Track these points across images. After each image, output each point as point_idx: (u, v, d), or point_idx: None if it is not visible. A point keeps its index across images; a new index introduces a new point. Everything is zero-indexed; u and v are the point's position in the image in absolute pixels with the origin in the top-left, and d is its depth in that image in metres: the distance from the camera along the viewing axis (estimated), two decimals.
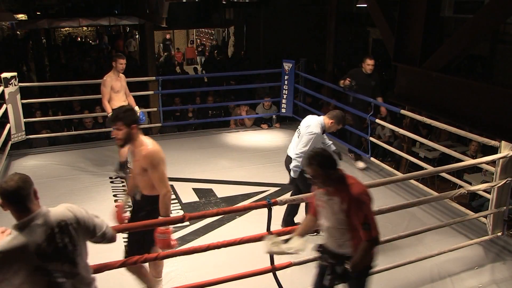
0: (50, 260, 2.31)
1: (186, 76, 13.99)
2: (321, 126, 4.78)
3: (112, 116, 3.38)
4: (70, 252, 2.38)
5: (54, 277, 2.32)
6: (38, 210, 2.34)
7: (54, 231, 2.33)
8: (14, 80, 6.71)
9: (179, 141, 7.80)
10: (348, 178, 2.93)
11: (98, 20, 13.21)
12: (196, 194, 5.83)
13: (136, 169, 3.45)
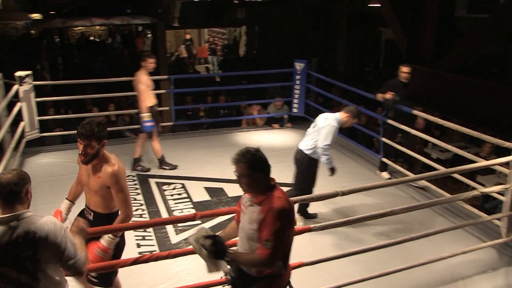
0: (5, 265, 2.26)
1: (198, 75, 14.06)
2: (338, 121, 4.96)
3: (86, 133, 3.05)
4: (30, 265, 2.28)
5: (5, 281, 2.27)
6: (20, 212, 2.29)
7: (20, 239, 2.25)
8: (29, 78, 6.78)
9: (191, 140, 7.83)
10: (277, 191, 2.64)
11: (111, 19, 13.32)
12: (208, 193, 5.85)
13: (95, 186, 3.20)
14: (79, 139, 3.09)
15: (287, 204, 2.59)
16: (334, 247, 4.66)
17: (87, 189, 3.30)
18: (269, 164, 2.71)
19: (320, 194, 3.86)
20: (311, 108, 8.53)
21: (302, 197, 3.79)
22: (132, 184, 6.11)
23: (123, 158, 6.83)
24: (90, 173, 3.22)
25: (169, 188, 5.99)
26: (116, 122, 9.01)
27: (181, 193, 5.85)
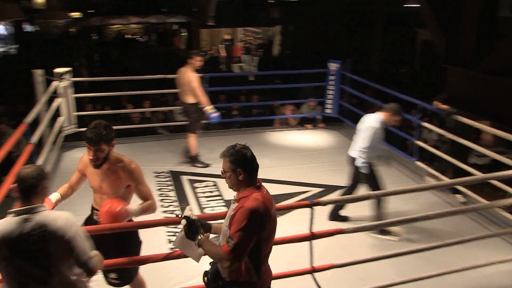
0: (19, 257, 2.31)
1: (232, 74, 14.11)
2: (379, 121, 4.83)
3: (95, 137, 2.98)
4: (43, 259, 2.33)
5: (20, 275, 2.32)
6: (35, 205, 2.35)
7: (31, 232, 2.30)
8: (67, 75, 6.95)
9: (223, 138, 7.87)
10: (258, 192, 2.55)
11: (147, 17, 13.53)
12: None
13: (113, 188, 3.16)
14: (88, 145, 3.02)
15: (261, 207, 2.48)
16: (365, 250, 4.60)
17: (99, 193, 3.22)
18: (254, 163, 2.63)
19: (352, 196, 3.82)
20: (344, 109, 8.45)
21: (335, 198, 3.75)
22: (164, 180, 6.18)
23: (155, 154, 6.97)
24: (103, 177, 3.16)
25: (201, 186, 6.03)
26: (150, 119, 9.13)
27: (212, 191, 5.89)
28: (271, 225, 2.59)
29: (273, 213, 2.61)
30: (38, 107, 6.09)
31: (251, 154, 2.63)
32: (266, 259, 2.69)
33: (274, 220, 2.63)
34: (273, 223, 2.62)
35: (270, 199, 2.61)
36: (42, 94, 6.64)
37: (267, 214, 2.52)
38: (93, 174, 3.19)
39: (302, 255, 3.61)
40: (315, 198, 5.46)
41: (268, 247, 2.65)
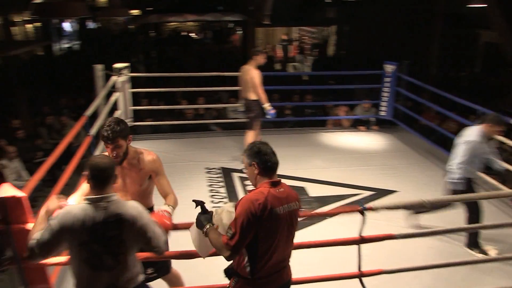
0: (96, 242, 2.41)
1: (286, 73, 14.09)
2: (479, 133, 4.52)
3: (112, 135, 2.95)
4: (115, 245, 2.45)
5: (93, 258, 2.43)
6: (110, 194, 2.47)
7: (109, 220, 2.42)
8: (126, 70, 7.16)
9: (275, 138, 7.83)
10: (266, 188, 2.54)
11: (203, 15, 13.72)
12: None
13: (137, 181, 3.17)
14: (106, 143, 2.99)
15: (260, 200, 2.47)
16: (416, 257, 4.47)
17: (123, 191, 3.17)
18: (270, 157, 2.63)
19: (405, 202, 3.72)
20: (399, 112, 8.26)
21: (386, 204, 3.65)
22: (216, 176, 6.26)
23: (208, 150, 7.07)
24: (125, 173, 3.15)
25: (251, 184, 6.05)
26: (204, 115, 9.27)
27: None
28: (270, 223, 2.52)
29: (278, 213, 2.53)
30: (97, 100, 6.31)
31: (268, 149, 2.66)
32: (266, 259, 2.58)
33: (277, 219, 2.53)
34: (275, 222, 2.54)
35: (281, 199, 2.56)
36: (101, 88, 6.87)
37: (266, 209, 2.48)
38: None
39: (350, 258, 3.56)
40: (366, 201, 5.44)
41: (266, 246, 2.55)
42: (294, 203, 2.63)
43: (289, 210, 2.59)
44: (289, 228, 2.62)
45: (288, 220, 2.60)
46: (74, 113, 10.13)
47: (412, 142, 7.72)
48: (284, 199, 2.59)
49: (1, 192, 2.70)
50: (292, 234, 2.68)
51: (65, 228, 2.40)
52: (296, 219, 2.67)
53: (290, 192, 2.64)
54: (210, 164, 6.67)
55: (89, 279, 2.46)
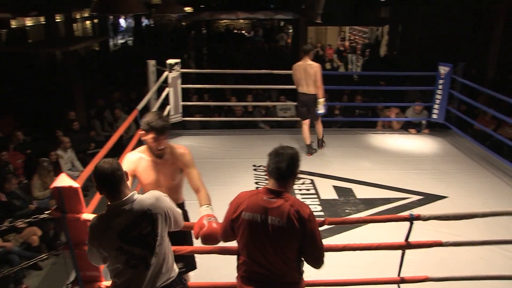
0: (130, 244, 2.45)
1: (336, 72, 13.96)
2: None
3: (163, 129, 3.02)
4: (152, 240, 2.49)
5: (131, 258, 2.47)
6: (129, 195, 2.48)
7: (139, 219, 2.45)
8: (177, 66, 7.30)
9: (324, 137, 7.81)
10: (259, 190, 2.60)
11: (255, 13, 13.78)
12: (336, 192, 5.81)
13: (171, 175, 3.20)
14: (157, 135, 3.01)
15: (234, 201, 2.66)
16: (466, 267, 4.33)
17: (155, 186, 3.16)
18: (273, 166, 2.54)
19: (456, 213, 3.59)
20: (452, 115, 8.01)
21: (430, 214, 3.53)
22: (263, 174, 6.27)
23: (255, 148, 7.11)
24: (159, 168, 3.17)
25: (298, 182, 6.05)
26: (253, 113, 9.33)
27: (309, 189, 5.88)
28: (238, 224, 2.57)
29: (245, 218, 2.54)
30: (149, 95, 6.47)
31: (277, 154, 2.56)
32: (242, 259, 2.66)
33: (244, 224, 2.54)
34: (243, 226, 2.55)
35: (260, 207, 2.51)
36: (153, 83, 7.05)
37: (236, 210, 2.59)
38: (147, 170, 3.17)
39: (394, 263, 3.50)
40: (414, 206, 5.33)
41: (240, 245, 2.64)
42: (277, 219, 2.48)
43: (265, 222, 2.49)
44: (269, 239, 2.50)
45: (265, 232, 2.50)
46: (126, 106, 10.44)
47: (465, 147, 7.47)
48: (264, 209, 2.51)
49: (58, 182, 2.82)
50: (277, 249, 2.51)
51: (94, 242, 2.50)
52: (280, 236, 2.49)
53: (285, 208, 2.48)
54: (257, 161, 6.70)
55: (132, 278, 2.52)
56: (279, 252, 2.52)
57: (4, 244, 5.94)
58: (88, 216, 2.91)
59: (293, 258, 2.56)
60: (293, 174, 2.57)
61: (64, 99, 10.98)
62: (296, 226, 2.46)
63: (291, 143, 7.39)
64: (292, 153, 2.57)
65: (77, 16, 21.03)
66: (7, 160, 7.49)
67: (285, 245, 2.50)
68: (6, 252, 5.91)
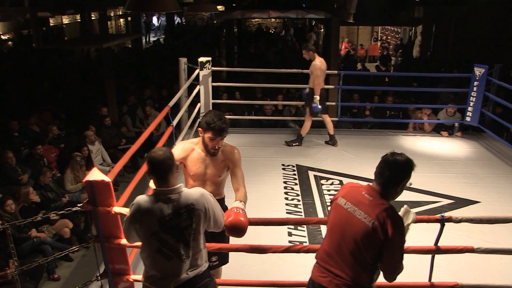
0: (167, 233, 2.50)
1: (367, 73, 13.80)
2: None
3: (221, 131, 3.10)
4: (188, 234, 2.54)
5: (165, 246, 2.51)
6: (177, 186, 2.55)
7: (181, 211, 2.51)
8: (208, 64, 7.33)
9: (353, 138, 7.75)
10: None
11: (286, 12, 13.72)
12: None
13: (218, 172, 3.27)
14: (217, 137, 3.10)
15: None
16: (498, 275, 4.21)
17: (201, 180, 3.25)
18: (378, 170, 2.63)
19: (490, 216, 3.50)
20: (486, 118, 7.82)
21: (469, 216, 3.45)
22: (291, 174, 6.27)
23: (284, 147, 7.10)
24: (209, 163, 3.23)
25: (327, 183, 6.02)
26: (282, 112, 9.31)
27: (338, 190, 5.81)
28: (331, 209, 2.78)
29: (339, 203, 2.68)
30: (180, 92, 6.53)
31: (385, 159, 2.65)
32: (323, 251, 2.75)
33: (336, 208, 2.71)
34: (333, 211, 2.73)
35: (350, 195, 2.66)
36: (184, 80, 7.11)
37: (336, 195, 2.76)
38: (197, 162, 3.24)
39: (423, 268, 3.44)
40: (444, 210, 5.22)
41: (326, 236, 2.79)
42: (364, 215, 2.55)
43: (353, 214, 2.60)
44: (351, 231, 2.58)
45: (350, 222, 2.61)
46: (157, 103, 10.57)
47: (500, 151, 7.28)
48: (357, 201, 2.62)
49: (91, 176, 2.87)
50: (353, 245, 2.56)
51: (135, 220, 2.54)
52: (362, 233, 2.54)
53: (376, 209, 2.53)
54: (286, 160, 6.69)
55: (162, 268, 2.55)
56: (356, 248, 2.54)
57: (38, 234, 6.11)
58: (119, 209, 2.97)
59: (368, 261, 2.57)
60: (396, 183, 2.59)
61: (97, 95, 11.20)
62: (379, 231, 2.47)
63: (319, 143, 7.37)
64: (401, 161, 2.59)
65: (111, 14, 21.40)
66: (42, 154, 7.68)
67: (366, 243, 2.52)
68: (40, 242, 6.08)
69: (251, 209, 2.89)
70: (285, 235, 4.72)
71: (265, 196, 5.56)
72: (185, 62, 7.19)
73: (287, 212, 5.26)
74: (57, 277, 6.07)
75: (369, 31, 22.22)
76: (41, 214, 5.68)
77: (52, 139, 8.43)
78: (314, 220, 3.95)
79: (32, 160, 7.57)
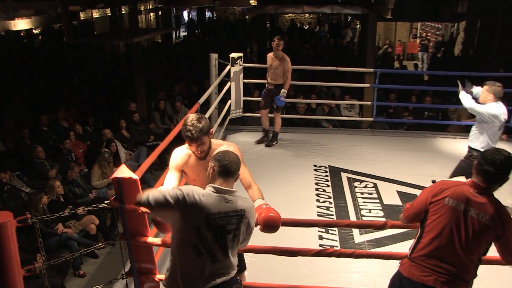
0: (210, 231, 2.49)
1: (405, 71, 13.58)
2: None
3: (196, 135, 2.98)
4: (229, 239, 2.55)
5: (202, 243, 2.49)
6: (234, 190, 2.61)
7: (232, 214, 2.53)
8: (240, 60, 7.36)
9: (389, 139, 7.64)
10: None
11: (321, 7, 13.64)
12: (400, 197, 5.66)
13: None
14: (190, 143, 3.03)
15: (436, 185, 2.85)
16: None
17: (203, 183, 3.01)
18: (483, 168, 2.72)
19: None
20: None
21: None
22: (323, 175, 6.23)
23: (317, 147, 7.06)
24: (206, 166, 3.04)
25: (360, 186, 5.97)
26: (315, 111, 9.26)
27: (372, 193, 5.78)
28: (436, 210, 2.78)
29: (449, 204, 2.73)
30: (210, 89, 6.57)
31: (492, 155, 2.73)
32: (427, 250, 2.80)
33: (446, 210, 2.75)
34: (443, 213, 2.75)
35: (458, 194, 2.74)
36: (215, 76, 7.15)
37: (438, 196, 2.79)
38: (195, 166, 3.20)
39: None
40: None
41: (429, 235, 2.80)
42: (480, 214, 2.70)
43: (467, 214, 2.70)
44: (466, 230, 2.70)
45: (465, 222, 2.70)
46: (186, 100, 10.66)
47: None
48: (468, 200, 2.73)
49: (118, 173, 2.91)
50: (470, 242, 2.70)
51: (187, 203, 2.48)
52: (479, 230, 2.70)
53: (490, 206, 2.70)
54: (318, 161, 6.64)
55: (192, 265, 2.53)
56: (470, 246, 2.69)
57: (65, 230, 6.26)
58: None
59: (478, 256, 2.75)
60: (502, 179, 2.75)
61: (126, 91, 11.37)
62: (497, 226, 2.67)
63: (354, 143, 7.29)
64: (507, 158, 2.71)
65: (142, 8, 21.68)
66: (70, 149, 7.86)
67: (480, 239, 2.70)
68: (67, 238, 6.23)
69: (280, 211, 2.87)
70: (315, 238, 4.70)
71: (295, 197, 5.55)
72: (216, 58, 7.23)
73: (318, 214, 5.23)
74: (83, 273, 6.19)
75: (408, 27, 21.83)
76: (68, 210, 5.82)
77: (80, 135, 8.62)
78: (345, 223, 3.93)
79: (60, 155, 7.76)
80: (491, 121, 4.85)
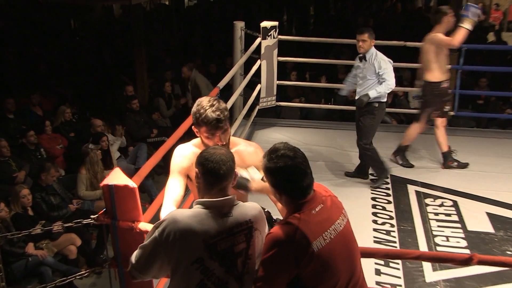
0: (215, 259, 2.42)
1: (505, 46, 13.26)
2: None
3: (217, 121, 2.98)
4: (241, 263, 2.47)
5: (209, 279, 2.42)
6: (232, 196, 2.50)
7: (236, 229, 2.45)
8: (274, 31, 7.31)
9: (476, 141, 7.56)
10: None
11: None
12: (491, 222, 5.58)
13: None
14: (212, 129, 2.99)
15: (289, 235, 2.41)
16: None
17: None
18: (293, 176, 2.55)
19: None
20: None
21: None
22: (383, 188, 6.21)
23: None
24: None
25: (434, 203, 5.93)
26: None
27: (450, 214, 5.74)
28: (314, 264, 2.44)
29: (320, 247, 2.45)
30: (234, 69, 6.57)
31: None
32: None
33: (322, 257, 2.46)
34: (321, 261, 2.46)
35: (318, 228, 2.49)
36: (240, 53, 7.14)
37: (300, 247, 2.41)
38: None
39: None
40: None
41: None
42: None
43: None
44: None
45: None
46: None
47: None
48: (324, 228, 2.61)
49: (111, 179, 2.90)
50: None
51: (170, 245, 2.41)
52: None
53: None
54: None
55: None
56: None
57: (36, 252, 6.22)
58: (146, 226, 2.96)
59: None
60: None
61: (122, 69, 11.44)
62: None
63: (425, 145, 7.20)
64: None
65: None
66: (37, 143, 7.74)
67: None
68: (37, 262, 6.19)
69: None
70: (371, 273, 4.68)
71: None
72: (242, 27, 7.21)
73: (375, 241, 5.22)
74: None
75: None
76: (40, 225, 5.86)
77: (59, 126, 8.58)
78: (413, 254, 3.88)
79: (27, 152, 7.65)
80: None
